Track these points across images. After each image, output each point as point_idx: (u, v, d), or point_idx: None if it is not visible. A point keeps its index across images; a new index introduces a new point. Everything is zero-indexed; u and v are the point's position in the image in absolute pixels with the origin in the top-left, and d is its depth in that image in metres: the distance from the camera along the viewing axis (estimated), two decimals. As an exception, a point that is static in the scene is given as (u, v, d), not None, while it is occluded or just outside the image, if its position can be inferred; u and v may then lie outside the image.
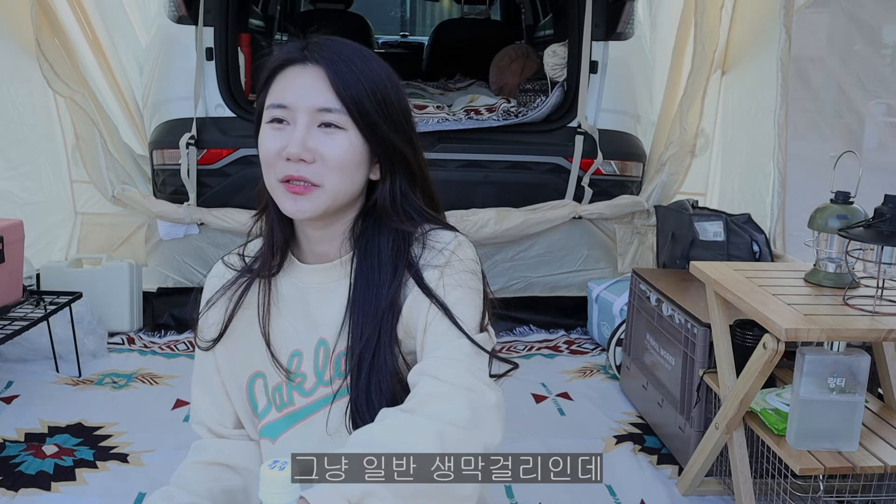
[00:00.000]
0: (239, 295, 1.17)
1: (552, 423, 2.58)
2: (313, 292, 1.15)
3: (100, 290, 3.11)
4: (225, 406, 1.22)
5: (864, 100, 2.84)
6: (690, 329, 2.22)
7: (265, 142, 1.08)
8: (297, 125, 1.05)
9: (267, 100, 1.09)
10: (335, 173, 1.06)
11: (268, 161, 1.08)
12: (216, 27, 3.22)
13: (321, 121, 1.06)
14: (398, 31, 8.15)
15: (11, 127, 3.19)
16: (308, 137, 1.05)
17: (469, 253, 1.12)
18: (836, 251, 1.92)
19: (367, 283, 1.09)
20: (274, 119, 1.07)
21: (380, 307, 1.08)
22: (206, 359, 1.21)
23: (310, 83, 1.06)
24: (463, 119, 3.41)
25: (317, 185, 1.06)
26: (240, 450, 1.21)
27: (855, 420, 1.76)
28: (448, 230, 1.13)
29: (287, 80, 1.07)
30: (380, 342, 1.07)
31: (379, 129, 1.07)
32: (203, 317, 1.20)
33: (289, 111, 1.06)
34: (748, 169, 3.15)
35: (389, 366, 1.06)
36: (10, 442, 2.36)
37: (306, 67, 1.07)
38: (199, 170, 3.19)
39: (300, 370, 1.14)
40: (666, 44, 3.55)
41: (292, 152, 1.04)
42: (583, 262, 3.46)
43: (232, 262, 1.22)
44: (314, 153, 1.05)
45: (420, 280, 1.08)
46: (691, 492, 2.15)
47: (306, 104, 1.05)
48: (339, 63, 1.06)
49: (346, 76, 1.06)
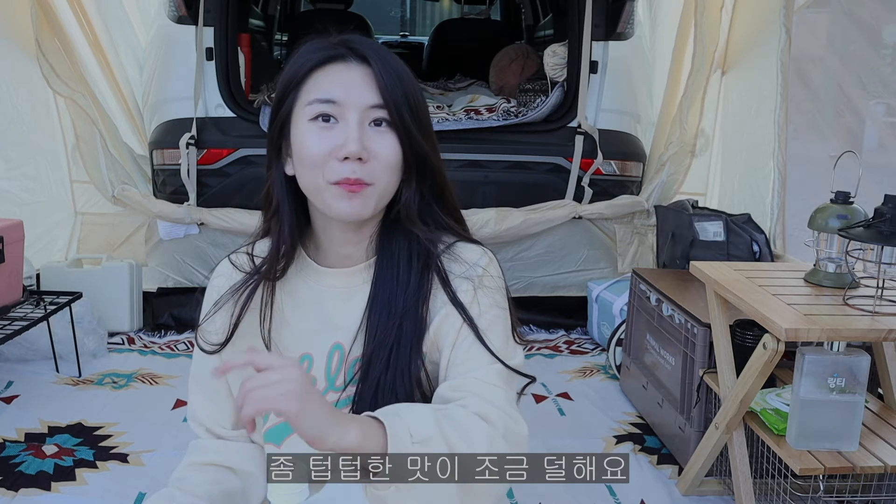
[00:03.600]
0: (246, 297, 1.14)
1: (552, 423, 2.58)
2: (333, 296, 1.12)
3: (100, 290, 3.11)
4: (226, 407, 1.21)
5: (864, 100, 2.84)
6: (690, 329, 2.22)
7: (310, 142, 1.03)
8: (349, 123, 1.02)
9: (305, 96, 1.04)
10: (387, 172, 1.04)
11: (316, 162, 1.03)
12: (216, 27, 3.22)
13: (372, 118, 1.03)
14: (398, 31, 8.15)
15: (11, 127, 3.19)
16: (364, 136, 1.02)
17: (499, 270, 1.12)
18: (836, 251, 1.92)
19: (388, 286, 1.08)
20: (319, 115, 1.03)
21: (398, 310, 1.06)
22: (208, 359, 1.18)
23: (359, 80, 1.03)
24: (463, 119, 3.41)
25: (369, 184, 1.03)
26: (239, 451, 1.20)
27: (855, 420, 1.76)
28: (474, 244, 1.13)
29: (332, 75, 1.04)
30: (398, 347, 1.05)
31: (411, 132, 1.05)
32: (209, 320, 1.17)
33: (338, 107, 1.02)
34: (748, 169, 3.15)
35: (409, 373, 1.05)
36: (10, 442, 2.36)
37: (350, 65, 1.04)
38: (199, 170, 3.19)
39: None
40: (666, 44, 3.55)
41: (352, 150, 1.00)
42: (583, 262, 3.46)
43: (240, 263, 1.18)
44: (370, 152, 1.02)
45: (453, 295, 1.06)
46: (691, 492, 2.15)
47: (358, 101, 1.02)
48: (383, 63, 1.04)
49: (389, 77, 1.03)
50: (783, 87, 2.84)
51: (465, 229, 1.18)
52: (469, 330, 1.05)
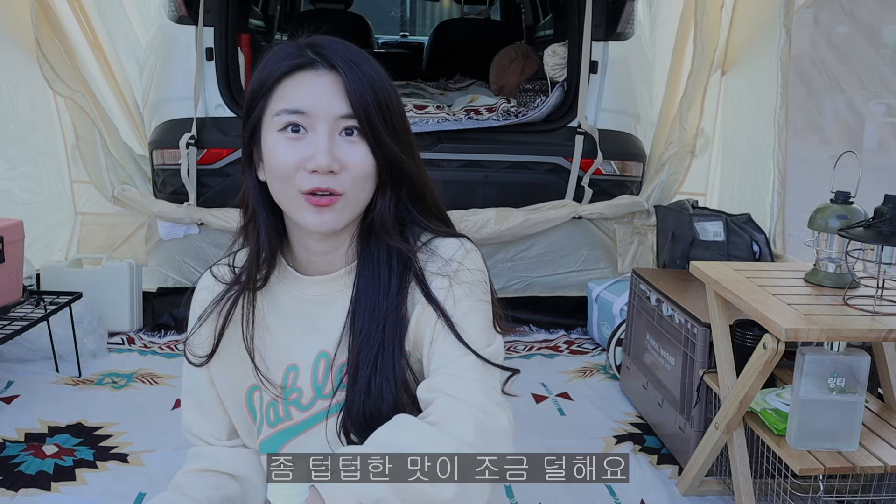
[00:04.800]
0: (228, 309, 1.13)
1: (552, 423, 2.58)
2: (315, 303, 1.12)
3: (100, 290, 3.11)
4: (217, 418, 1.20)
5: (865, 100, 2.84)
6: (690, 329, 2.22)
7: (280, 153, 1.01)
8: (318, 133, 1.00)
9: (274, 105, 1.02)
10: (358, 182, 1.02)
11: (285, 173, 1.01)
12: (216, 27, 3.22)
13: (342, 128, 1.01)
14: (398, 31, 8.14)
15: (11, 127, 3.19)
16: (333, 147, 1.00)
17: (477, 261, 1.10)
18: (836, 251, 1.92)
19: (370, 289, 1.07)
20: (288, 126, 1.01)
21: (381, 313, 1.05)
22: (198, 372, 1.18)
23: (328, 88, 1.00)
24: (463, 119, 3.41)
25: (340, 195, 1.02)
26: (237, 457, 1.20)
27: (855, 420, 1.75)
28: (452, 237, 1.11)
29: (300, 84, 1.01)
30: (382, 350, 1.04)
31: (383, 140, 1.02)
32: (195, 333, 1.16)
33: (307, 118, 1.00)
34: (748, 169, 3.15)
35: (394, 375, 1.04)
36: (10, 442, 2.36)
37: (320, 72, 1.01)
38: (199, 170, 3.19)
39: (296, 385, 1.11)
40: (666, 44, 3.55)
41: (321, 164, 0.98)
42: (583, 262, 3.46)
43: (222, 274, 1.17)
44: (340, 162, 1.00)
45: (427, 291, 1.05)
46: (691, 492, 2.15)
47: (327, 111, 1.00)
48: (352, 68, 1.01)
49: (359, 84, 1.01)
50: (783, 87, 2.84)
51: (445, 224, 1.15)
52: (443, 324, 1.04)
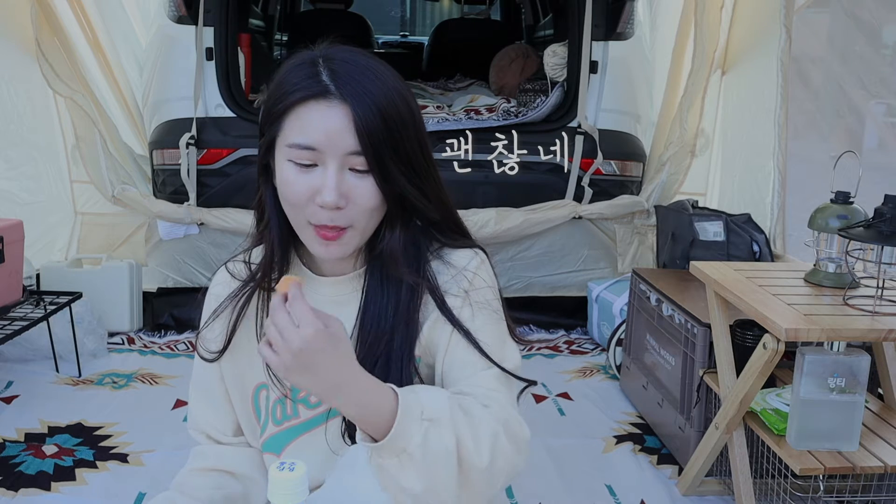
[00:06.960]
0: (241, 305, 1.15)
1: (552, 423, 2.58)
2: (328, 304, 1.11)
3: (100, 290, 3.11)
4: (226, 414, 1.21)
5: (865, 100, 2.84)
6: (690, 329, 2.22)
7: (292, 183, 1.02)
8: (328, 170, 1.00)
9: (287, 135, 1.02)
10: (366, 215, 1.03)
11: (297, 203, 1.02)
12: (216, 27, 3.22)
13: (351, 164, 1.01)
14: (398, 31, 8.15)
15: (11, 127, 3.19)
16: (342, 183, 1.01)
17: (490, 272, 1.11)
18: (836, 251, 1.92)
19: (379, 296, 1.08)
20: (299, 158, 1.02)
21: (389, 319, 1.06)
22: (209, 367, 1.19)
23: (338, 125, 0.99)
24: (463, 119, 3.41)
25: (348, 227, 1.03)
26: (240, 457, 1.20)
27: (855, 420, 1.75)
28: (465, 248, 1.12)
29: (311, 118, 1.00)
30: (391, 355, 1.05)
31: (391, 176, 1.02)
32: (208, 328, 1.18)
33: (317, 154, 1.00)
34: (748, 169, 3.15)
35: (401, 383, 1.03)
36: (10, 442, 2.36)
37: (332, 105, 0.99)
38: (199, 170, 3.19)
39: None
40: (666, 44, 3.56)
41: (328, 202, 0.99)
42: (583, 262, 3.46)
43: (237, 271, 1.19)
44: (347, 198, 1.01)
45: (441, 301, 1.06)
46: (691, 492, 2.15)
47: (337, 149, 1.00)
48: (362, 99, 0.99)
49: (370, 118, 0.99)
50: (783, 87, 2.84)
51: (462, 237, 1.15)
52: (460, 336, 1.05)
